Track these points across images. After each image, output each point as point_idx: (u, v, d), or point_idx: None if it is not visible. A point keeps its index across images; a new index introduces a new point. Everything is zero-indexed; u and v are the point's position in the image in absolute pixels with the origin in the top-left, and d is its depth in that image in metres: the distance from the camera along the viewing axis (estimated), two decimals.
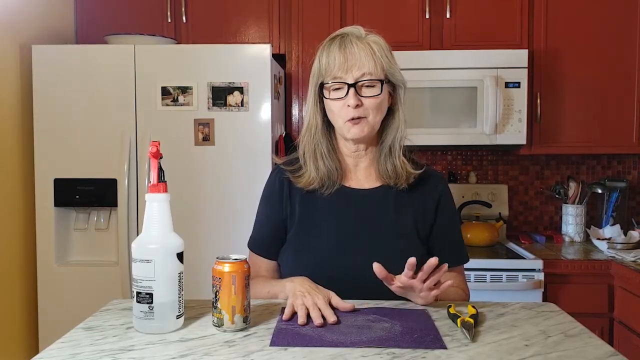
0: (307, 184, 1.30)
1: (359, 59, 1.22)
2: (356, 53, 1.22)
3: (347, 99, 1.23)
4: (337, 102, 1.25)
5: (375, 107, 1.24)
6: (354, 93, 1.22)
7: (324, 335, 0.99)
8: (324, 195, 1.30)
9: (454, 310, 1.08)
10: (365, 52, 1.23)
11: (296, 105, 2.74)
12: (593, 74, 2.58)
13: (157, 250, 1.01)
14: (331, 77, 1.24)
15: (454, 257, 1.34)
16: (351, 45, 1.23)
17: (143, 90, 2.28)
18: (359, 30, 1.27)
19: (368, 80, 1.23)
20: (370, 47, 1.24)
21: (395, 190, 1.31)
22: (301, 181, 1.30)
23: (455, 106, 2.52)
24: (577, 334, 1.02)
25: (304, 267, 1.26)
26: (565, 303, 2.06)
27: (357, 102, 1.22)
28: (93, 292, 2.27)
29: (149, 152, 1.05)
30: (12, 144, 2.31)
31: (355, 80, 1.23)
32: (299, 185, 1.31)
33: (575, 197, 2.70)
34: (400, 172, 1.29)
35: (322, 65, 1.26)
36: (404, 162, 1.30)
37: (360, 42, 1.24)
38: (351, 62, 1.22)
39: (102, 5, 2.71)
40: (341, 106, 1.24)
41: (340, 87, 1.24)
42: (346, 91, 1.23)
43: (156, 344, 0.97)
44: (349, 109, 1.23)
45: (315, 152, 1.30)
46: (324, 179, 1.29)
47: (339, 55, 1.23)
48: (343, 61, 1.22)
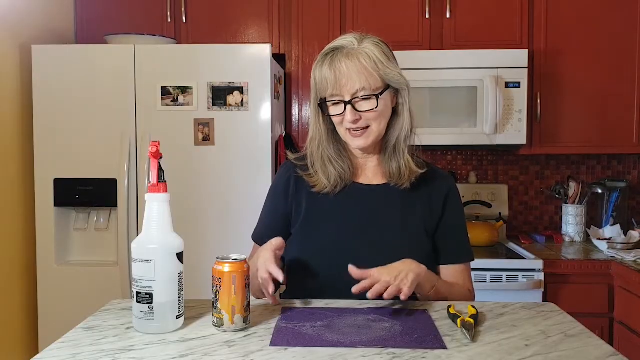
0: (321, 190, 1.31)
1: (349, 77, 1.21)
2: (345, 72, 1.21)
3: (345, 114, 1.23)
4: (338, 117, 1.26)
5: (376, 117, 1.25)
6: (351, 109, 1.23)
7: (324, 335, 0.99)
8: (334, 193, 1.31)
9: (454, 311, 1.09)
10: (355, 68, 1.21)
11: (296, 105, 2.74)
12: (593, 74, 2.58)
13: (157, 250, 1.01)
14: (327, 94, 1.25)
15: (459, 255, 1.36)
16: (339, 64, 1.21)
17: (143, 90, 2.28)
18: (352, 42, 1.24)
19: (363, 97, 1.23)
20: (360, 61, 1.21)
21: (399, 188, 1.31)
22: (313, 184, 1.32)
23: (455, 106, 2.52)
24: (577, 334, 1.02)
25: (308, 260, 1.27)
26: (565, 303, 2.05)
27: (355, 117, 1.23)
28: (93, 292, 2.27)
29: (149, 152, 1.05)
30: (12, 144, 2.31)
31: (351, 96, 1.23)
32: (314, 190, 1.31)
33: (576, 197, 2.70)
34: (404, 172, 1.30)
35: (316, 82, 1.27)
36: (408, 161, 1.30)
37: (349, 60, 1.21)
38: (342, 81, 1.22)
39: (102, 5, 2.71)
40: (341, 120, 1.26)
41: (338, 103, 1.25)
42: (344, 107, 1.23)
43: (156, 344, 0.97)
44: (349, 124, 1.24)
45: (323, 159, 1.31)
46: (337, 181, 1.30)
47: (330, 75, 1.22)
48: (334, 80, 1.22)
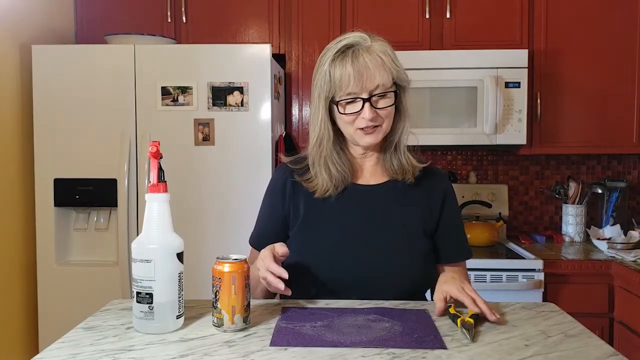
0: (322, 193, 1.30)
1: (372, 73, 1.21)
2: (369, 67, 1.21)
3: (362, 112, 1.23)
4: (351, 116, 1.25)
5: (387, 115, 1.26)
6: (370, 107, 1.23)
7: (324, 335, 0.99)
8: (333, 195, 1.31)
9: (454, 310, 1.09)
10: (375, 63, 1.22)
11: (296, 105, 2.74)
12: (593, 74, 2.58)
13: (157, 250, 1.01)
14: (345, 92, 1.24)
15: (459, 253, 1.38)
16: (363, 59, 1.22)
17: (143, 90, 2.28)
18: (365, 39, 1.25)
19: (382, 93, 1.23)
20: (380, 58, 1.23)
21: (401, 184, 1.32)
22: (313, 188, 1.31)
23: (455, 106, 2.52)
24: (577, 334, 1.02)
25: (307, 262, 1.27)
26: (565, 303, 2.05)
27: (373, 114, 1.23)
28: (93, 292, 2.27)
29: (149, 152, 1.05)
30: (12, 144, 2.31)
31: (369, 94, 1.23)
32: (315, 196, 1.30)
33: (576, 197, 2.70)
34: (407, 167, 1.31)
35: (334, 79, 1.24)
36: (409, 158, 1.32)
37: (369, 55, 1.22)
38: (365, 76, 1.21)
39: (102, 5, 2.71)
40: (355, 118, 1.25)
41: (353, 101, 1.24)
42: (361, 105, 1.23)
43: (156, 344, 0.97)
44: (364, 121, 1.24)
45: (326, 161, 1.30)
46: (337, 182, 1.30)
47: (352, 71, 1.22)
48: (357, 76, 1.21)
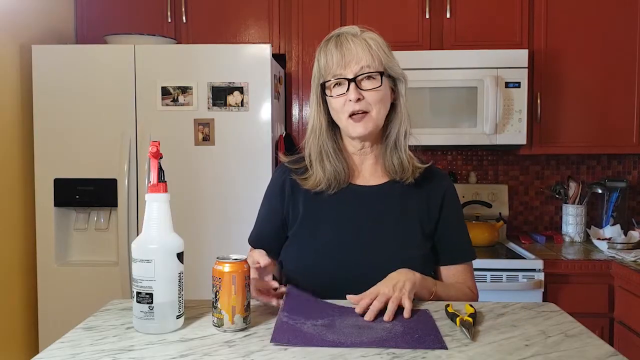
0: (314, 186, 1.30)
1: (355, 54, 1.24)
2: (352, 49, 1.24)
3: (348, 93, 1.24)
4: (340, 99, 1.26)
5: (377, 100, 1.25)
6: (355, 87, 1.24)
7: (325, 335, 0.99)
8: (329, 194, 1.31)
9: (452, 310, 1.09)
10: (361, 46, 1.25)
11: (296, 105, 2.74)
12: (593, 74, 2.57)
13: (157, 250, 1.01)
14: (331, 74, 1.26)
15: (459, 254, 1.36)
16: (347, 42, 1.25)
17: (143, 90, 2.28)
18: (354, 29, 1.29)
19: (367, 73, 1.24)
20: (367, 42, 1.26)
21: (401, 185, 1.31)
22: (308, 183, 1.31)
23: (455, 106, 2.52)
24: (577, 334, 1.02)
25: (305, 264, 1.27)
26: (565, 303, 2.05)
27: (359, 95, 1.23)
28: (93, 292, 2.27)
29: (149, 152, 1.05)
30: (12, 144, 2.31)
31: (354, 74, 1.24)
32: (306, 187, 1.31)
33: (576, 197, 2.70)
34: (407, 166, 1.30)
35: (320, 65, 1.28)
36: (410, 157, 1.31)
37: (355, 39, 1.26)
38: (348, 58, 1.24)
39: (102, 5, 2.71)
40: (343, 102, 1.25)
41: (340, 83, 1.25)
42: (347, 87, 1.24)
43: (156, 344, 0.97)
44: (351, 104, 1.24)
45: (321, 152, 1.30)
46: (330, 180, 1.29)
47: (336, 53, 1.25)
48: (340, 58, 1.24)
